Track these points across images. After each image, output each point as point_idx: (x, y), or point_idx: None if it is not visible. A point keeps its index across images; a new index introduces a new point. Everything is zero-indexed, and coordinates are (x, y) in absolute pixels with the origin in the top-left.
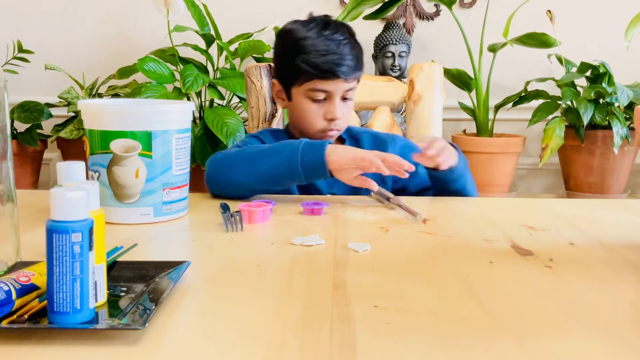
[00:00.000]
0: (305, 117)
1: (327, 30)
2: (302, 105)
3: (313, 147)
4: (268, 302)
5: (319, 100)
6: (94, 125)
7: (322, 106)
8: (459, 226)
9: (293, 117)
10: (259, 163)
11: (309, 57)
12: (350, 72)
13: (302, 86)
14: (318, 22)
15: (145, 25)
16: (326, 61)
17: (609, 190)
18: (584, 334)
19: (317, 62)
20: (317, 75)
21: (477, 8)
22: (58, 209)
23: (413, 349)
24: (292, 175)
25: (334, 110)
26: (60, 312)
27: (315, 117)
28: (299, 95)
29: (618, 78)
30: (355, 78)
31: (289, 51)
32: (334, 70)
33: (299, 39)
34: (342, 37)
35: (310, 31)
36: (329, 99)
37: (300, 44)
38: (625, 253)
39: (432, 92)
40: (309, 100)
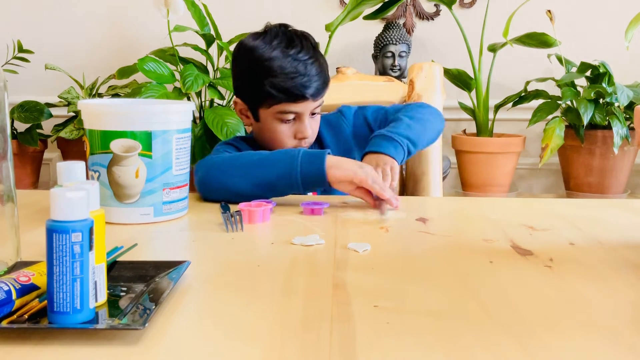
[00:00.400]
0: (276, 138)
1: (291, 48)
2: (271, 127)
3: (312, 157)
4: (268, 302)
5: (288, 120)
6: (94, 125)
7: (292, 126)
8: (459, 226)
9: (261, 136)
10: (256, 171)
11: (277, 82)
12: (318, 92)
13: (270, 108)
14: (280, 38)
15: (145, 25)
16: (295, 84)
17: (609, 190)
18: (584, 334)
19: (286, 87)
20: (287, 99)
21: (477, 8)
22: (58, 209)
23: (413, 349)
24: (290, 185)
25: (304, 130)
26: (60, 312)
27: (286, 137)
28: (268, 116)
29: (618, 78)
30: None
31: (254, 73)
32: (303, 94)
33: (264, 59)
34: (307, 55)
35: (274, 50)
36: (299, 119)
37: (266, 65)
38: (625, 253)
39: (432, 92)
40: (279, 122)
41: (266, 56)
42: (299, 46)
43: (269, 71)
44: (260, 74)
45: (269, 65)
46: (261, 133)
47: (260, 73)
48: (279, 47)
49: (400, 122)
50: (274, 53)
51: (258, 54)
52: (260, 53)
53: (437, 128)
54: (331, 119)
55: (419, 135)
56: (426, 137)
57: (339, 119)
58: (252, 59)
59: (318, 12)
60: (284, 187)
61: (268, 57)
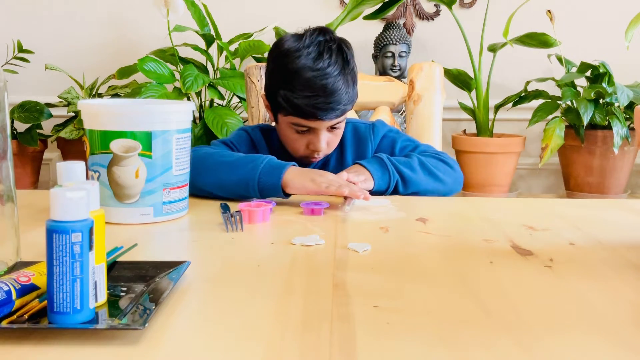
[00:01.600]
0: (288, 143)
1: (320, 61)
2: (286, 133)
3: (273, 168)
4: (268, 302)
5: (303, 131)
6: (94, 125)
7: (306, 136)
8: (459, 226)
9: (279, 135)
10: (221, 173)
11: (292, 97)
12: (339, 114)
13: (285, 117)
14: (313, 47)
15: (145, 25)
16: (310, 104)
17: (609, 190)
18: (584, 334)
19: (300, 105)
20: (299, 115)
21: (477, 8)
22: (58, 209)
23: (413, 349)
24: (247, 192)
25: (317, 143)
26: (60, 312)
27: (298, 145)
28: (283, 123)
29: (618, 78)
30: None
31: (276, 80)
32: (316, 115)
33: (287, 70)
34: (336, 70)
35: (302, 61)
36: (314, 132)
37: (287, 77)
38: (626, 253)
39: (432, 92)
40: (291, 130)
41: (290, 67)
42: (329, 60)
43: (288, 83)
44: (280, 83)
45: (291, 77)
46: (279, 133)
47: (280, 81)
48: (307, 58)
49: (408, 160)
50: (300, 64)
51: (285, 61)
52: (287, 61)
53: (443, 189)
54: (360, 129)
55: (417, 182)
56: (424, 188)
57: (368, 132)
58: (279, 64)
59: (318, 12)
60: (243, 192)
61: (292, 68)
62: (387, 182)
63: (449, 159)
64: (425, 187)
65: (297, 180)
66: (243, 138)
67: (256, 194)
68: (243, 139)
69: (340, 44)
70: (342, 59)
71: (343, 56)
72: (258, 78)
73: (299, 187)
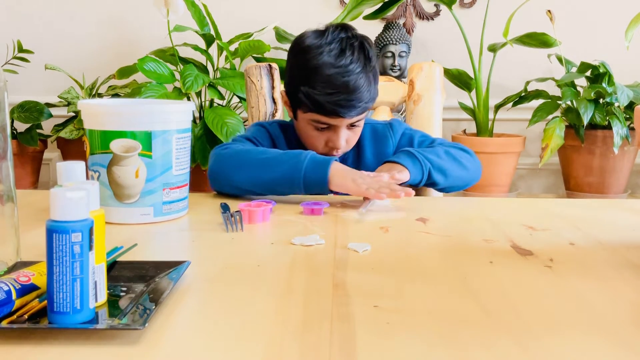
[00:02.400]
0: (307, 140)
1: (342, 58)
2: (305, 129)
3: (317, 164)
4: (268, 302)
5: (323, 128)
6: (94, 125)
7: (326, 133)
8: (459, 226)
9: (298, 131)
10: (262, 171)
11: (314, 94)
12: (359, 111)
13: (305, 114)
14: (335, 44)
15: (145, 25)
16: (331, 101)
17: (609, 190)
18: (584, 334)
19: (321, 102)
20: (320, 112)
21: (477, 8)
22: (58, 209)
23: (413, 349)
24: (292, 188)
25: (336, 140)
26: (60, 312)
27: (317, 142)
28: (303, 119)
29: (618, 78)
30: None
31: (297, 76)
32: (338, 112)
33: (309, 66)
34: (358, 68)
35: (324, 57)
36: (334, 129)
37: (309, 73)
38: (626, 253)
39: (432, 92)
40: (311, 127)
41: (312, 63)
42: (351, 57)
43: (309, 80)
44: (301, 79)
45: (312, 74)
46: (298, 130)
47: (301, 78)
48: (329, 55)
49: (432, 150)
50: (321, 61)
51: (306, 58)
52: (309, 57)
53: (468, 176)
54: (379, 129)
55: (446, 168)
56: (454, 175)
57: (386, 131)
58: (300, 60)
59: (318, 12)
60: (286, 189)
61: (314, 65)
62: (421, 172)
63: (466, 148)
64: (454, 174)
65: (339, 178)
66: (263, 133)
67: (301, 190)
68: (263, 135)
69: (362, 41)
70: (364, 56)
71: (365, 53)
72: (258, 78)
73: (340, 185)
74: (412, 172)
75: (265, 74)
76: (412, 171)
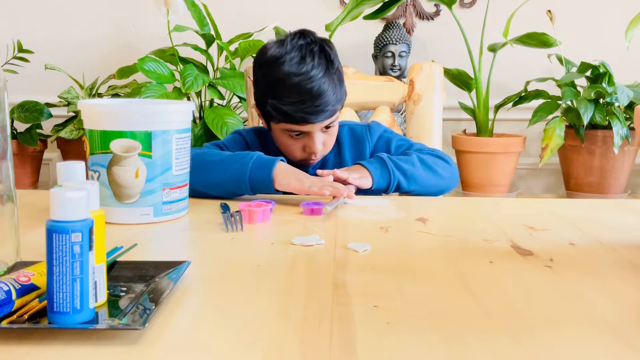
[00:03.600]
0: (284, 149)
1: (303, 65)
2: (280, 139)
3: (262, 164)
4: (268, 302)
5: (297, 135)
6: (94, 125)
7: (301, 140)
8: (459, 226)
9: (275, 141)
10: (211, 172)
11: (280, 105)
12: (328, 115)
13: (277, 124)
14: (295, 52)
15: (145, 25)
16: (299, 109)
17: (609, 190)
18: (584, 334)
19: (288, 112)
20: (290, 121)
21: (477, 8)
22: (58, 209)
23: (413, 348)
24: (239, 189)
25: (313, 146)
26: (60, 312)
27: (294, 150)
28: (276, 130)
29: (618, 78)
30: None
31: (262, 89)
32: (307, 119)
33: (272, 79)
34: (320, 72)
35: (285, 67)
36: (308, 135)
37: (273, 85)
38: (625, 253)
39: (432, 92)
40: (286, 136)
41: (275, 75)
42: (312, 62)
43: (275, 91)
44: (267, 92)
45: (277, 85)
46: (274, 139)
47: (267, 90)
48: (290, 64)
49: (407, 157)
50: (284, 71)
51: (269, 70)
52: (271, 69)
53: (443, 184)
54: (357, 131)
55: (418, 178)
56: (426, 184)
57: (364, 133)
58: (264, 73)
59: (318, 12)
60: (234, 189)
61: (277, 76)
62: (388, 180)
63: (444, 155)
64: (426, 182)
65: (283, 177)
66: (237, 141)
67: (247, 190)
68: (237, 142)
69: (322, 45)
70: (326, 60)
71: (326, 57)
72: None
73: (284, 185)
74: (376, 179)
75: None
76: (377, 179)
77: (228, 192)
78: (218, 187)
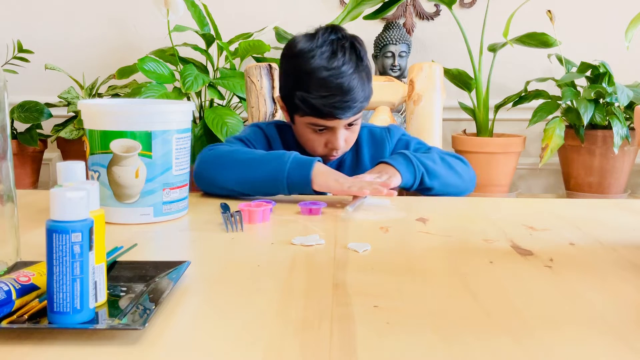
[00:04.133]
0: (306, 144)
1: (334, 60)
2: (303, 133)
3: (301, 165)
4: (268, 302)
5: (320, 130)
6: (94, 125)
7: (324, 135)
8: (459, 226)
9: (296, 135)
10: (245, 170)
11: (309, 98)
12: (355, 111)
13: (302, 117)
14: (326, 47)
15: (145, 25)
16: (327, 104)
17: (609, 190)
18: (584, 334)
19: (316, 105)
20: (317, 115)
21: (477, 8)
22: (58, 209)
23: (413, 348)
24: (276, 189)
25: (335, 142)
26: (60, 312)
27: (317, 145)
28: (300, 123)
29: (618, 78)
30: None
31: (291, 81)
32: (334, 114)
33: (302, 71)
34: (350, 68)
35: (316, 61)
36: (332, 130)
37: (302, 78)
38: (625, 253)
39: (432, 92)
40: (309, 131)
41: (305, 67)
42: (343, 58)
43: (304, 84)
44: (296, 84)
45: (306, 78)
46: (296, 133)
47: (296, 83)
48: (321, 58)
49: (428, 155)
50: (314, 64)
51: (299, 62)
52: (301, 62)
53: (462, 185)
54: (376, 134)
55: (440, 174)
56: (448, 182)
57: (384, 136)
58: (293, 65)
59: (318, 12)
60: (270, 189)
61: (307, 69)
62: (414, 175)
63: (462, 157)
64: (447, 180)
65: (321, 178)
66: (257, 134)
67: (284, 190)
68: (258, 135)
69: (352, 42)
70: (356, 57)
71: (357, 53)
72: (258, 78)
73: (322, 185)
74: (405, 175)
75: (265, 74)
76: (405, 175)
77: (263, 191)
78: (252, 185)
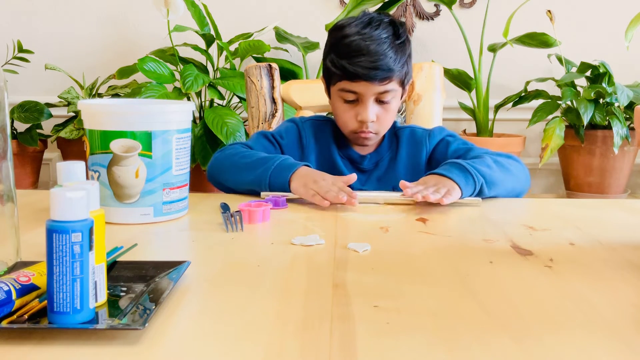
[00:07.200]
0: (338, 117)
1: (368, 27)
2: (336, 105)
3: (283, 168)
4: (268, 302)
5: (350, 101)
6: (94, 125)
7: (354, 107)
8: (459, 226)
9: (333, 111)
10: (240, 174)
11: (337, 59)
12: (382, 75)
13: (335, 86)
14: (365, 17)
15: (145, 25)
16: (353, 63)
17: (609, 190)
18: (584, 334)
19: (343, 65)
20: (344, 77)
21: (477, 8)
22: (58, 209)
23: (413, 348)
24: (261, 190)
25: (363, 112)
26: (60, 312)
27: (347, 118)
28: (334, 94)
29: (618, 78)
30: (392, 81)
31: (327, 51)
32: (360, 74)
33: (337, 37)
34: (383, 35)
35: (351, 28)
36: (361, 101)
37: (335, 42)
38: (625, 253)
39: (432, 92)
40: (341, 100)
41: (340, 34)
42: (378, 26)
43: (335, 47)
44: (330, 51)
45: (338, 42)
46: (332, 109)
47: (330, 50)
48: (356, 26)
49: (482, 160)
50: (348, 31)
51: (335, 34)
52: (336, 33)
53: (520, 187)
54: (417, 134)
55: (497, 179)
56: (505, 186)
57: (424, 138)
58: (331, 37)
59: (318, 12)
60: (259, 189)
61: (341, 34)
62: (474, 187)
63: (515, 157)
64: (506, 185)
65: (296, 182)
66: (290, 130)
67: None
68: (290, 131)
69: (393, 20)
70: (393, 31)
71: (394, 30)
72: (258, 78)
73: (293, 189)
74: (465, 189)
75: (265, 74)
76: (465, 189)
77: (255, 192)
78: (246, 187)
